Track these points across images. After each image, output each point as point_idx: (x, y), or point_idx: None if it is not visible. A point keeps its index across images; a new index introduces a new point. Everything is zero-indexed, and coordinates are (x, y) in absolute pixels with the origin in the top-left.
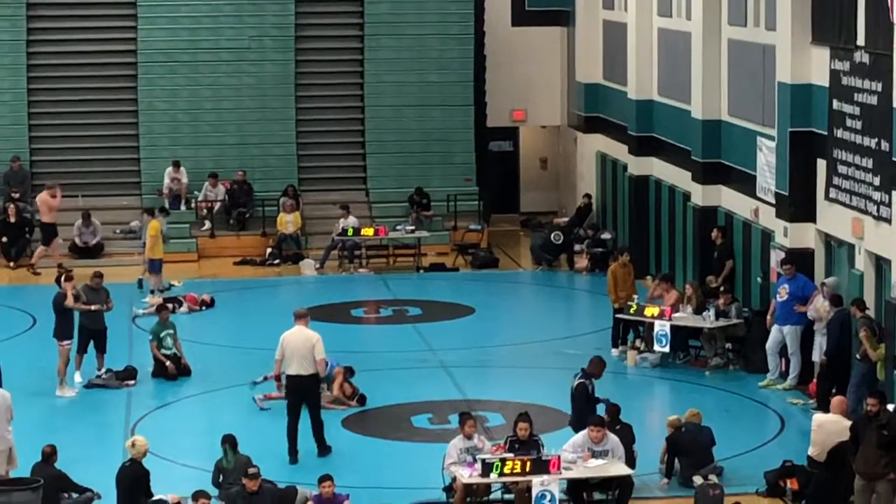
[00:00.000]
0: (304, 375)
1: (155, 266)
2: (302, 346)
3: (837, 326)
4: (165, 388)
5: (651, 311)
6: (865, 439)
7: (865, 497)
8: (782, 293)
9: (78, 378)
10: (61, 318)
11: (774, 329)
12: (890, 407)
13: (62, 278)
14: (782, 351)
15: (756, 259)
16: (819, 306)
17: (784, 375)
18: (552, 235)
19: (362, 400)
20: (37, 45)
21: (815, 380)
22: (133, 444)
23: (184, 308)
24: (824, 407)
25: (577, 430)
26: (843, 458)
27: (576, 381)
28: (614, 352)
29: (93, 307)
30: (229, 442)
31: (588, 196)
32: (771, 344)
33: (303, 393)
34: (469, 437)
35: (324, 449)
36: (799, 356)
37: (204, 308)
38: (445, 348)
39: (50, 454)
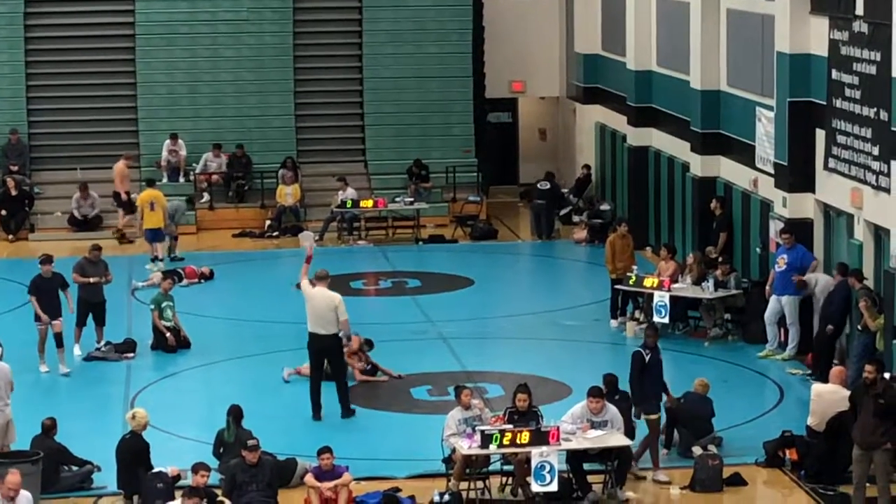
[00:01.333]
0: (323, 335)
1: (147, 235)
2: (323, 306)
3: (841, 295)
4: (165, 361)
5: (650, 281)
6: (863, 408)
7: (863, 466)
8: (781, 263)
9: (77, 351)
10: (38, 300)
11: (773, 299)
12: (887, 376)
13: (41, 261)
14: (781, 321)
15: (755, 229)
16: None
17: (783, 346)
18: (537, 183)
19: (373, 372)
20: (35, 18)
21: (813, 350)
22: (133, 417)
23: (183, 281)
24: (823, 377)
25: (636, 401)
26: (842, 428)
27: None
28: (613, 323)
29: (91, 280)
30: (233, 414)
31: (587, 167)
32: (769, 314)
33: (324, 352)
34: (467, 408)
35: (347, 411)
36: (798, 326)
37: (203, 281)
38: (444, 320)
39: (50, 427)
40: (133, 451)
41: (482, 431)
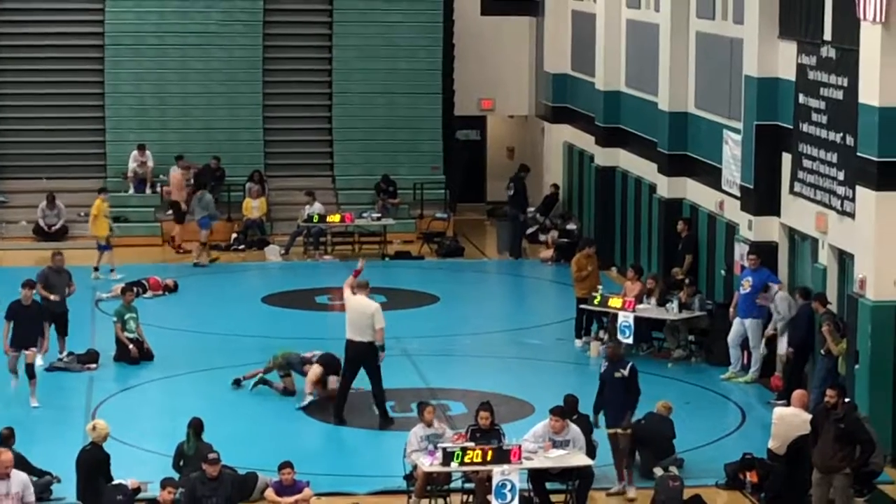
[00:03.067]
0: (359, 342)
1: (98, 245)
2: (360, 314)
3: (805, 320)
4: (127, 372)
5: (615, 302)
6: (823, 432)
7: (823, 490)
8: (745, 285)
9: (39, 361)
10: (14, 328)
11: (736, 322)
12: (847, 400)
13: (22, 285)
14: (744, 343)
15: (720, 252)
16: (778, 300)
17: (746, 368)
18: (506, 187)
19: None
20: (2, 26)
21: (777, 374)
22: (94, 428)
23: (147, 293)
24: (788, 401)
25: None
26: (803, 451)
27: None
28: (577, 343)
29: (51, 297)
30: (193, 427)
31: (556, 186)
32: (732, 336)
33: (358, 359)
34: (429, 425)
35: (386, 420)
36: (760, 349)
37: (167, 293)
38: (409, 336)
39: (7, 437)
40: (93, 463)
41: (444, 449)
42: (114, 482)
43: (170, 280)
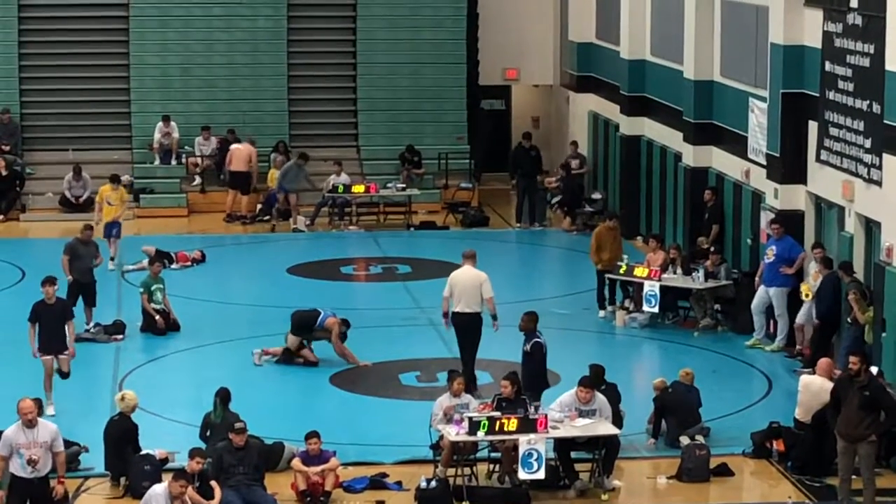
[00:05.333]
0: (469, 313)
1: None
2: (470, 284)
3: (830, 289)
4: (154, 343)
5: (640, 271)
6: (847, 400)
7: (848, 459)
8: (769, 254)
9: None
10: (39, 330)
11: (761, 289)
12: (873, 369)
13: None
14: (770, 311)
15: (746, 220)
16: (812, 273)
17: (771, 337)
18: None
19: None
20: None
21: (805, 344)
22: (122, 398)
23: (175, 265)
24: (814, 369)
25: (538, 391)
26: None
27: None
28: (601, 313)
29: (69, 277)
30: (221, 396)
31: (576, 147)
32: (756, 303)
33: (467, 329)
34: (457, 395)
35: (474, 385)
36: (786, 318)
37: (195, 264)
38: (434, 306)
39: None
40: (121, 433)
41: (470, 418)
42: (141, 452)
43: (197, 252)
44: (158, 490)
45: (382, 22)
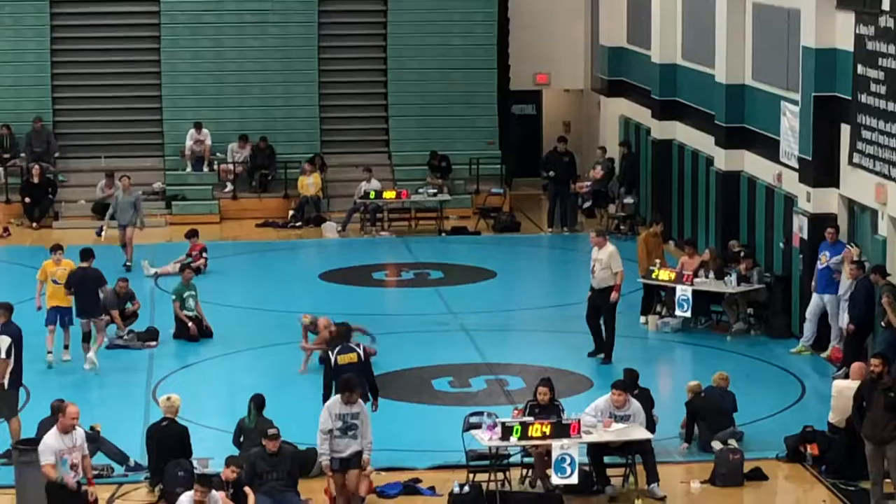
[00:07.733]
0: (600, 289)
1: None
2: (603, 261)
3: (863, 294)
4: (187, 350)
5: (672, 275)
6: (872, 404)
7: (877, 462)
8: (822, 259)
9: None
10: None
11: (815, 296)
12: None
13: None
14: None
15: (779, 224)
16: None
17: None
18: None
19: None
20: (60, 6)
21: (836, 346)
22: (168, 399)
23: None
24: (847, 373)
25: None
26: None
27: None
28: (643, 320)
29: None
30: (255, 401)
31: (611, 160)
32: (811, 310)
33: (598, 305)
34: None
35: (608, 357)
36: (838, 324)
37: (201, 261)
38: (466, 311)
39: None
40: (173, 437)
41: (503, 423)
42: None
43: (202, 260)
44: (184, 500)
45: (413, 28)
